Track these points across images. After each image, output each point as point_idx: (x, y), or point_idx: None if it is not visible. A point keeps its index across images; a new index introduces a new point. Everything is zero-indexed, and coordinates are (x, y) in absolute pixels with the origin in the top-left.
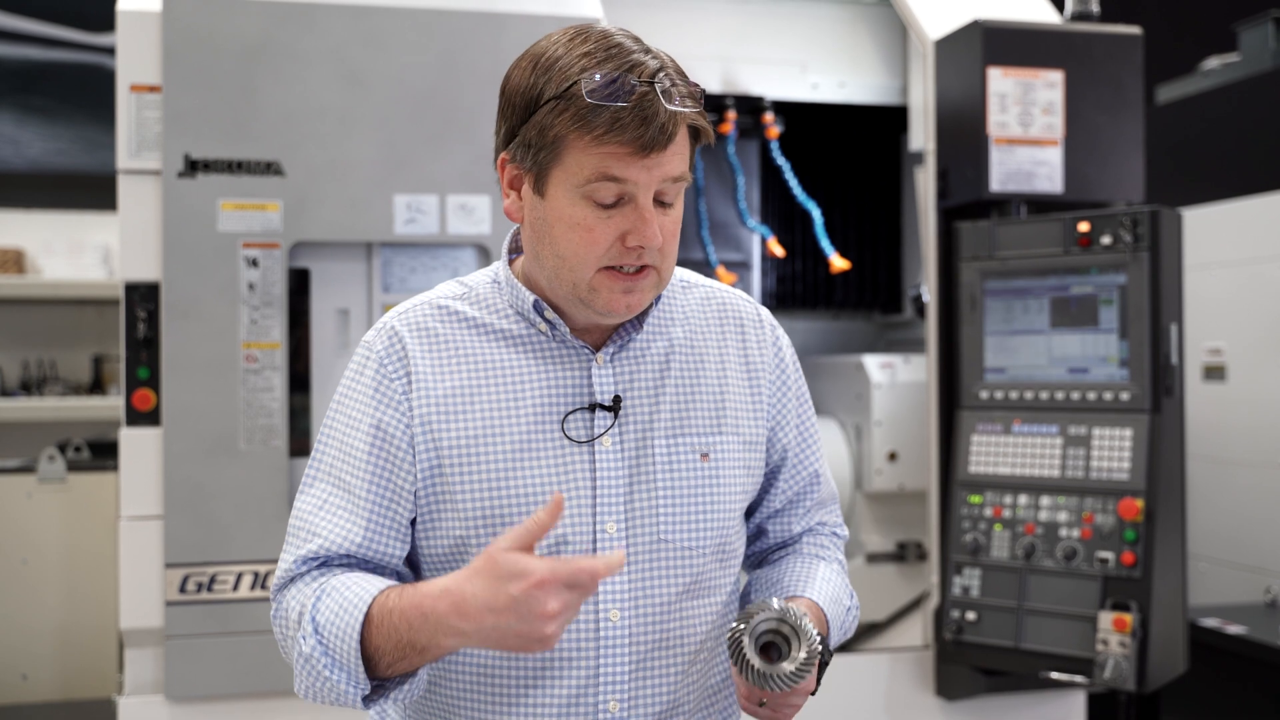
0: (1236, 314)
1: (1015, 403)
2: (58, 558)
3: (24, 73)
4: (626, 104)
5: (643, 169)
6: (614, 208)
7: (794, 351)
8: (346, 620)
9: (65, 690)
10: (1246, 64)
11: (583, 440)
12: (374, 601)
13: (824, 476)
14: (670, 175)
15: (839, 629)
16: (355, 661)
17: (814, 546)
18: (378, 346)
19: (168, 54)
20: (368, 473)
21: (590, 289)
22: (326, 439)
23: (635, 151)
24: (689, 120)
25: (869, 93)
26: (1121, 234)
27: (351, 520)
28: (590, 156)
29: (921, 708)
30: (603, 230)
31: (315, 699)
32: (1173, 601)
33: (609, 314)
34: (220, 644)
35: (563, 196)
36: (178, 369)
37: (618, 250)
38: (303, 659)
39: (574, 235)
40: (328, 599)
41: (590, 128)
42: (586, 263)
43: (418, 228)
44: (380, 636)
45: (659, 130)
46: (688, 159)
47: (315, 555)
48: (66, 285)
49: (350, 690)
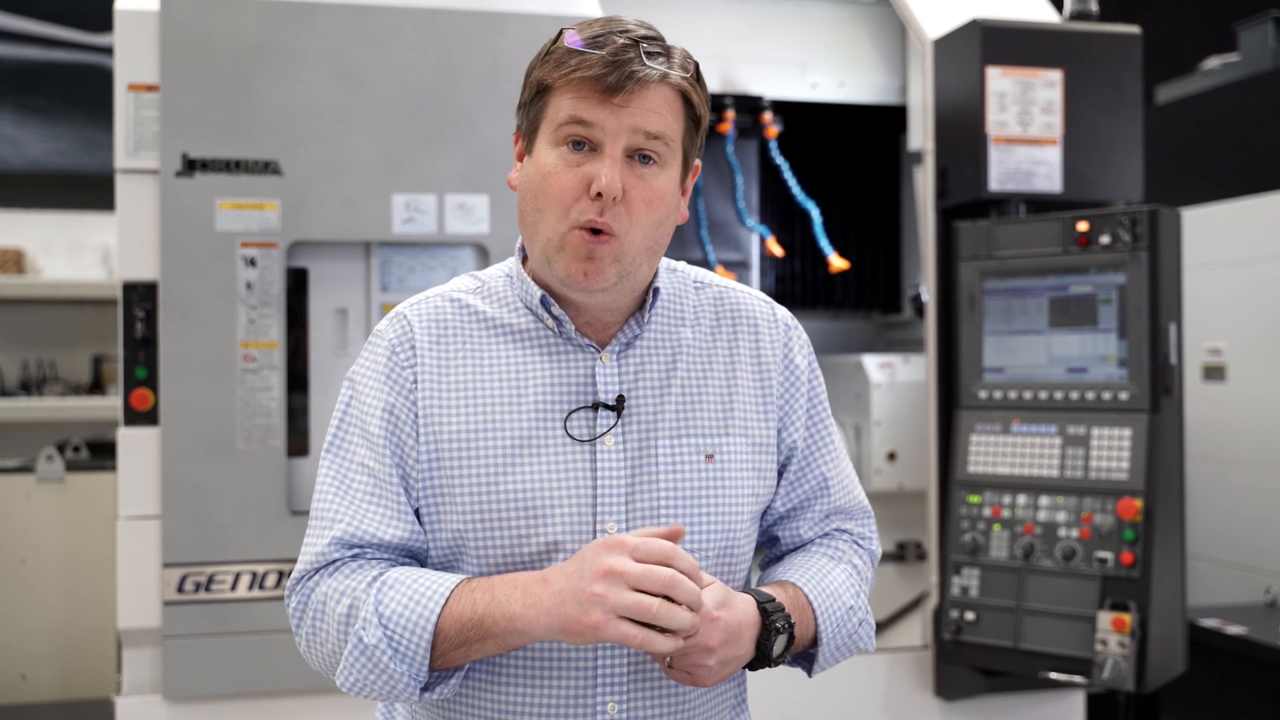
0: (1236, 314)
1: (1014, 402)
2: (56, 558)
3: (23, 73)
4: (601, 52)
5: (609, 113)
6: (584, 153)
7: (811, 354)
8: (419, 612)
9: (63, 690)
10: (1246, 64)
11: (585, 439)
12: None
13: (840, 485)
14: (643, 127)
15: (836, 627)
16: (424, 653)
17: (825, 548)
18: (390, 334)
19: (166, 53)
20: (389, 458)
21: (559, 248)
22: (346, 425)
23: (601, 91)
24: (674, 85)
25: (868, 92)
26: (1120, 233)
27: (382, 508)
28: (564, 99)
29: (920, 708)
30: (571, 176)
31: (363, 692)
32: (1172, 601)
33: (569, 281)
34: (218, 644)
35: (543, 148)
36: (176, 369)
37: (585, 203)
38: (363, 652)
39: (548, 184)
40: (394, 591)
41: (564, 68)
42: (558, 213)
43: (416, 227)
44: (448, 619)
45: (628, 75)
46: (671, 125)
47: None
48: (66, 285)
49: (411, 683)
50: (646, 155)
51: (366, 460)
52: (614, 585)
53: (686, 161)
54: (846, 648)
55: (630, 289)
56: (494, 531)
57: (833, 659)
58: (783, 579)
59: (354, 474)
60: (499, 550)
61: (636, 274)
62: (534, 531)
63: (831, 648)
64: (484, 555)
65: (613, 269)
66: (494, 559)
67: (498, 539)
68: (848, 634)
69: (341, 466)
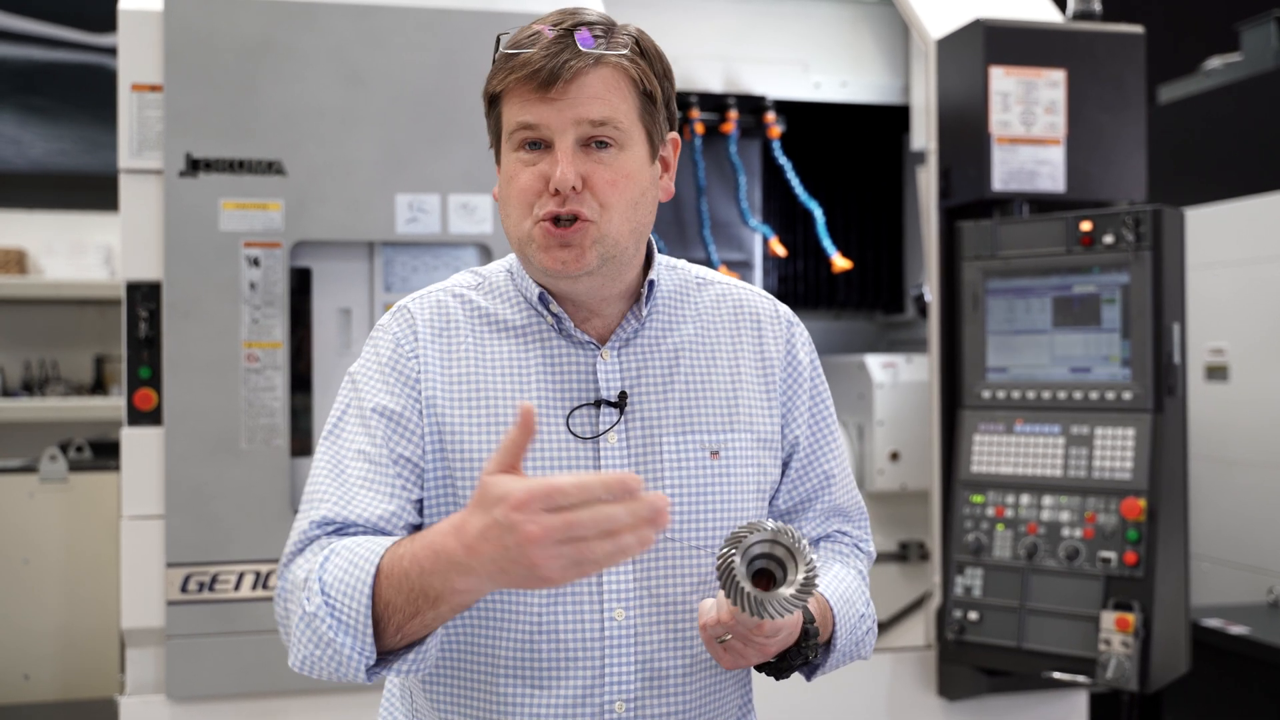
0: (1239, 313)
1: (1017, 402)
2: (59, 558)
3: (26, 73)
4: (532, 50)
5: (551, 110)
6: (537, 153)
7: (813, 350)
8: (357, 575)
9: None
10: (1248, 64)
11: (587, 436)
12: (386, 552)
13: (842, 482)
14: (587, 117)
15: (848, 634)
16: (365, 622)
17: (831, 551)
18: (394, 328)
19: (169, 53)
20: (387, 448)
21: (529, 241)
22: (344, 414)
23: (537, 88)
24: (614, 64)
25: (871, 92)
26: (1124, 233)
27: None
28: (512, 105)
29: (924, 708)
30: (527, 176)
31: (313, 671)
32: (1175, 601)
33: (548, 272)
34: (221, 644)
35: (506, 154)
36: (179, 368)
37: (545, 198)
38: (305, 621)
39: (509, 188)
40: (336, 557)
41: (502, 74)
42: (520, 212)
43: (419, 227)
44: (391, 589)
45: (560, 66)
46: (619, 108)
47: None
48: (68, 285)
49: (355, 656)
50: (601, 141)
51: (364, 447)
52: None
53: (652, 137)
54: (851, 655)
55: (617, 272)
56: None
57: (836, 666)
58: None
59: (349, 459)
60: None
61: (622, 256)
62: None
63: (839, 656)
64: None
65: (593, 251)
66: None
67: None
68: (855, 642)
69: (336, 453)
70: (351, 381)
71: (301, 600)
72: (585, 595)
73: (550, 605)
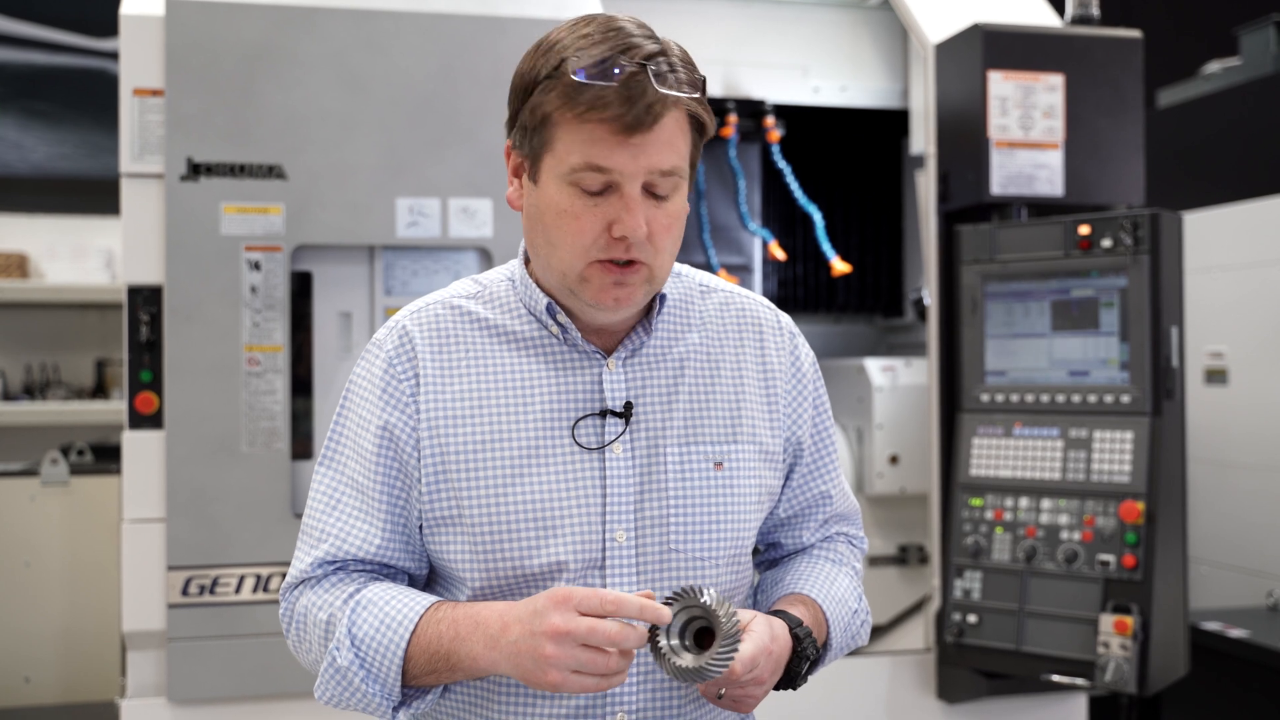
0: (1238, 317)
1: (1016, 405)
2: (60, 561)
3: (28, 77)
4: (612, 83)
5: (628, 156)
6: (600, 195)
7: (815, 363)
8: (390, 636)
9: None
10: (1247, 68)
11: (593, 447)
12: (422, 616)
13: (841, 492)
14: (658, 167)
15: (843, 631)
16: (395, 676)
17: (826, 551)
18: (388, 346)
19: (170, 58)
20: (380, 474)
21: (581, 279)
22: (339, 438)
23: (618, 132)
24: (685, 106)
25: (870, 96)
26: (1122, 237)
27: (367, 523)
28: (576, 140)
29: (923, 710)
30: (589, 219)
31: (337, 705)
32: (1174, 604)
33: (599, 307)
34: (222, 646)
35: (552, 183)
36: (180, 372)
37: (605, 241)
38: (336, 672)
39: (562, 223)
40: (366, 612)
41: (574, 105)
42: (575, 252)
43: (420, 231)
44: (417, 649)
45: (645, 110)
46: (683, 153)
47: (332, 559)
48: (70, 289)
49: (383, 704)
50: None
51: (356, 476)
52: (564, 644)
53: (693, 169)
54: (846, 648)
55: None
56: (502, 544)
57: (834, 658)
58: (797, 591)
59: (343, 490)
60: (506, 564)
61: (660, 288)
62: (542, 544)
63: (837, 650)
64: (491, 568)
65: (642, 290)
66: (500, 572)
67: (506, 552)
68: (850, 636)
69: (332, 482)
70: (345, 402)
71: (332, 652)
72: None
73: None
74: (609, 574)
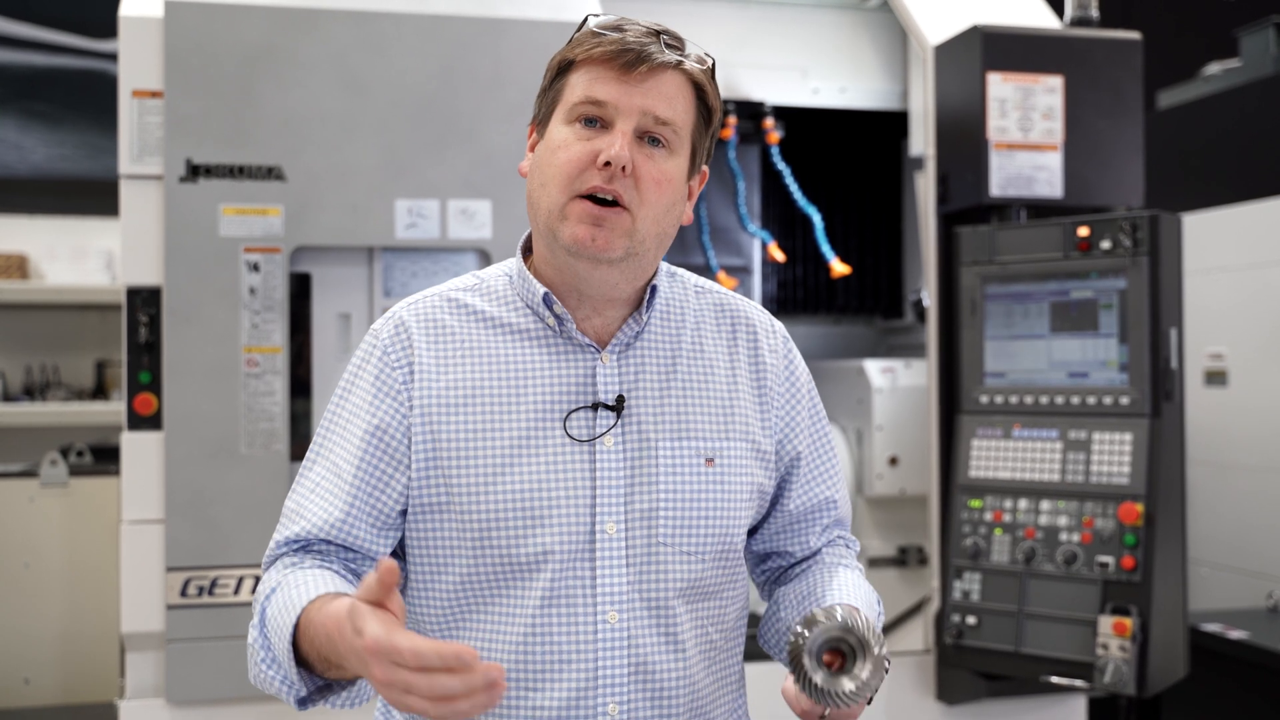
0: (1238, 319)
1: (1015, 407)
2: (59, 562)
3: (27, 79)
4: (623, 34)
5: (622, 91)
6: (595, 130)
7: (807, 369)
8: (284, 620)
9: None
10: (1247, 69)
11: (584, 439)
12: (311, 602)
13: (842, 496)
14: (653, 110)
15: None
16: (289, 663)
17: (835, 556)
18: (384, 336)
19: (169, 59)
20: (357, 458)
21: (561, 216)
22: (329, 424)
23: (618, 70)
24: (689, 73)
25: (869, 98)
26: (1121, 238)
27: (332, 503)
28: (581, 80)
29: (922, 712)
30: (580, 149)
31: (263, 689)
32: (1173, 606)
33: (575, 248)
34: (221, 648)
35: (556, 126)
36: (179, 373)
37: (591, 172)
38: (249, 647)
39: (555, 156)
40: (279, 594)
41: (582, 46)
42: (561, 184)
43: (419, 232)
44: (306, 642)
45: (645, 54)
46: (681, 113)
47: (296, 538)
48: (69, 290)
49: (283, 690)
50: (655, 138)
51: (339, 462)
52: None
53: (695, 158)
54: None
55: (634, 273)
56: (491, 532)
57: None
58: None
59: (322, 474)
60: (494, 551)
61: (644, 256)
62: (530, 532)
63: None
64: (479, 556)
65: (622, 241)
66: (488, 559)
67: (494, 539)
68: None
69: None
70: (340, 391)
71: (250, 626)
72: (579, 598)
73: (544, 608)
74: (599, 565)
